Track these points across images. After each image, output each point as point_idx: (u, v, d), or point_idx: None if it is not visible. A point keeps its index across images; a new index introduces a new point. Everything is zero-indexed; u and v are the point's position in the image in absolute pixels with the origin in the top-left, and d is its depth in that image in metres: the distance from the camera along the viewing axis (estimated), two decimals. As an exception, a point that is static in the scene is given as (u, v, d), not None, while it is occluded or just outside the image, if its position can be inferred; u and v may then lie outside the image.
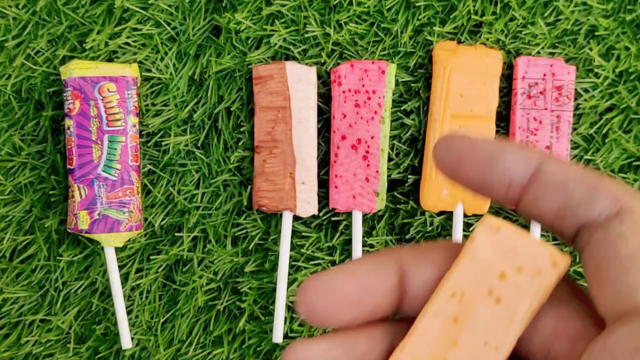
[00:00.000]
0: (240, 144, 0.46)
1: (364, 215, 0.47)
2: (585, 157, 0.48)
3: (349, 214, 0.47)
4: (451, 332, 0.25)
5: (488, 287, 0.24)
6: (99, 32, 0.44)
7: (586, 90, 0.48)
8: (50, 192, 0.45)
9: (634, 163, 0.48)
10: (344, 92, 0.45)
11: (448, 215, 0.48)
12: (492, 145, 0.25)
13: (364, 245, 0.47)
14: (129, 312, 0.45)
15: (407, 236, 0.48)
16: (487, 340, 0.25)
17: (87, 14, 0.44)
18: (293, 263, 0.46)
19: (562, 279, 0.24)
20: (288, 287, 0.46)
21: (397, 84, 0.47)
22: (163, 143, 0.46)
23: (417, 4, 0.46)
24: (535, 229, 0.45)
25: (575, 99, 0.48)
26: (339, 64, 0.46)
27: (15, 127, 0.44)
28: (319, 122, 0.46)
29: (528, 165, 0.25)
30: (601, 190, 0.24)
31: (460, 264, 0.24)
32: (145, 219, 0.45)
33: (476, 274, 0.25)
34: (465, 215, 0.47)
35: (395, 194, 0.47)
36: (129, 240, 0.45)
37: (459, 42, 0.47)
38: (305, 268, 0.46)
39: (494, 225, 0.24)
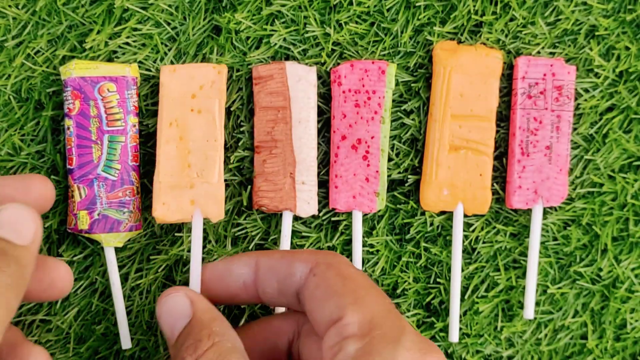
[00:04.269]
0: (240, 144, 0.46)
1: (364, 215, 0.47)
2: (586, 157, 0.48)
3: (349, 214, 0.47)
4: (182, 146, 0.42)
5: (189, 107, 0.43)
6: (98, 32, 0.44)
7: (586, 90, 0.48)
8: (50, 192, 0.45)
9: (634, 163, 0.48)
10: (344, 92, 0.45)
11: (448, 215, 0.48)
12: (223, 262, 0.39)
13: (364, 246, 0.47)
14: (128, 312, 0.45)
15: (407, 236, 0.48)
16: (207, 137, 0.43)
17: (87, 14, 0.44)
18: (293, 263, 0.46)
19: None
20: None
21: (397, 84, 0.47)
22: (163, 143, 0.46)
23: (417, 4, 0.46)
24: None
25: (576, 99, 0.48)
26: (339, 64, 0.46)
27: (15, 127, 0.44)
28: (319, 122, 0.46)
29: (250, 267, 0.38)
30: (296, 260, 0.37)
31: (163, 103, 0.43)
32: (145, 219, 0.45)
33: (177, 104, 0.42)
34: (465, 215, 0.47)
35: (396, 194, 0.47)
36: (128, 240, 0.45)
37: (459, 42, 0.47)
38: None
39: (171, 68, 0.43)
